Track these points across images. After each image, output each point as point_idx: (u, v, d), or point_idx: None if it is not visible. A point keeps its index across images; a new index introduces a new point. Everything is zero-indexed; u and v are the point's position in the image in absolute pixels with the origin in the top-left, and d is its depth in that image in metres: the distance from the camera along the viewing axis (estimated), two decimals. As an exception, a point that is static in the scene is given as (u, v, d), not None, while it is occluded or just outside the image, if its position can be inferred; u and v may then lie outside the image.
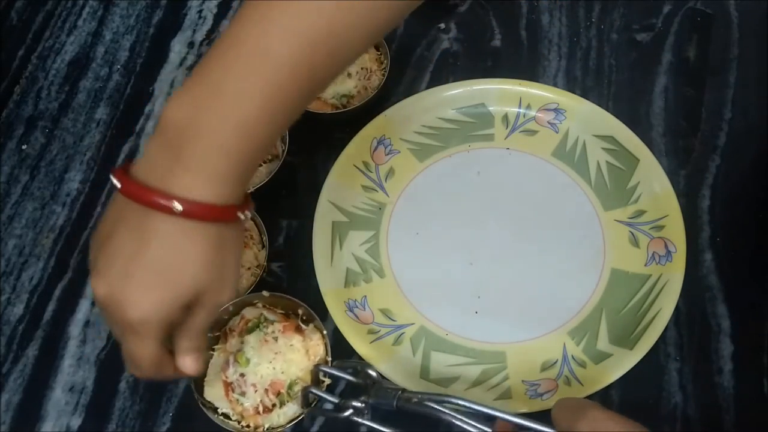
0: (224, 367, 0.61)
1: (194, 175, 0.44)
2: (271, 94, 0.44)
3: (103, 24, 0.89)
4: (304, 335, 0.62)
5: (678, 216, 0.68)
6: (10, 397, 0.67)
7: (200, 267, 0.45)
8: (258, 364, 0.60)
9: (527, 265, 0.69)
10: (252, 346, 0.60)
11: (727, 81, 0.78)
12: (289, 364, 0.60)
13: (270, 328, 0.61)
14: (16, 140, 0.82)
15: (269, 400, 0.60)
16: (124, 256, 0.45)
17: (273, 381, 0.60)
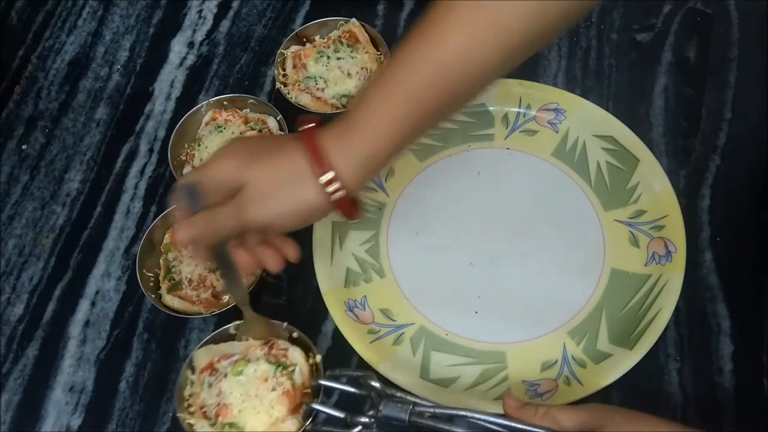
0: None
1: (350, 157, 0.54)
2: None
3: (103, 24, 0.89)
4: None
5: (678, 216, 0.68)
6: (10, 397, 0.67)
7: (295, 215, 0.55)
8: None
9: (527, 265, 0.69)
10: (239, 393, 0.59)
11: (727, 81, 0.78)
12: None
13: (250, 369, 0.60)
14: (16, 140, 0.82)
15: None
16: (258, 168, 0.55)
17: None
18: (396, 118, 0.53)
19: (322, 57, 0.78)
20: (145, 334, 0.69)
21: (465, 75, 0.53)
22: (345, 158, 0.53)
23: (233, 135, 0.75)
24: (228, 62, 0.85)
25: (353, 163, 0.54)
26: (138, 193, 0.77)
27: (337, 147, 0.54)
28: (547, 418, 0.51)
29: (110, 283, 0.72)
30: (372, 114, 0.54)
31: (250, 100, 0.77)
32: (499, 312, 0.67)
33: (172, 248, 0.70)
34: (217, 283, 0.67)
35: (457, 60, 0.52)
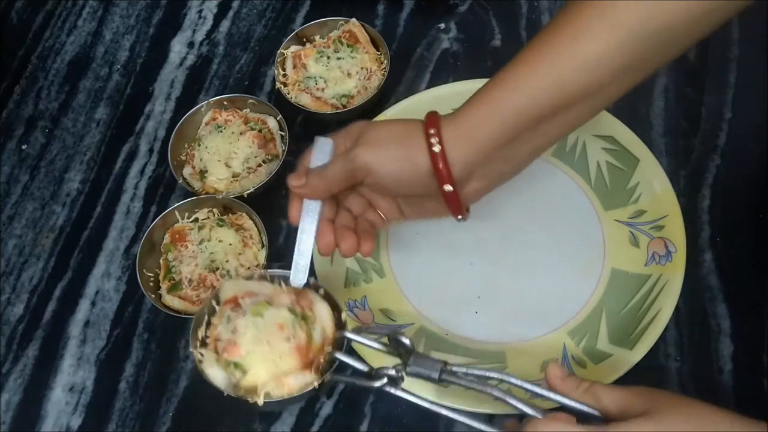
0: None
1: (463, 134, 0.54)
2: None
3: (103, 24, 0.90)
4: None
5: (678, 216, 0.68)
6: (10, 397, 0.67)
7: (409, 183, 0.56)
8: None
9: (527, 265, 0.69)
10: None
11: (727, 81, 0.78)
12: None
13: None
14: (16, 140, 0.82)
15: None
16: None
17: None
18: (504, 122, 0.53)
19: (322, 57, 0.78)
20: (145, 334, 0.69)
21: (583, 90, 0.51)
22: (452, 130, 0.53)
23: (233, 135, 0.75)
24: (228, 62, 0.85)
25: (459, 139, 0.53)
26: (138, 193, 0.77)
27: (447, 121, 0.54)
28: (589, 395, 0.49)
29: (110, 283, 0.72)
30: (481, 112, 0.53)
31: (250, 100, 0.77)
32: (499, 312, 0.67)
33: (172, 248, 0.70)
34: (217, 283, 0.67)
35: (577, 75, 0.50)
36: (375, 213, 0.61)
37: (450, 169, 0.53)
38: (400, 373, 0.52)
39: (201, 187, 0.74)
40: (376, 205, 0.61)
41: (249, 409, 0.63)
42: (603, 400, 0.48)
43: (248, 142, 0.74)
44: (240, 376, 0.54)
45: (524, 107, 0.52)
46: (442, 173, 0.53)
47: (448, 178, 0.54)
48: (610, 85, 0.51)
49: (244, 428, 0.64)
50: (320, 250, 0.59)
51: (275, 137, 0.76)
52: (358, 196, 0.61)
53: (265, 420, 0.64)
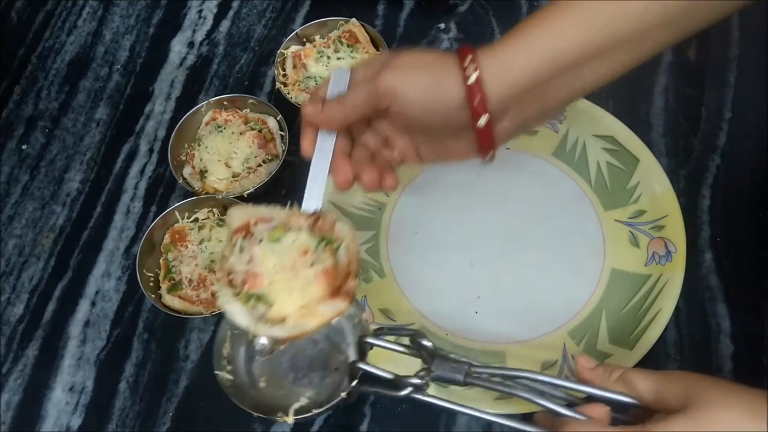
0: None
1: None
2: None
3: (103, 24, 0.89)
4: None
5: (678, 216, 0.68)
6: (10, 397, 0.67)
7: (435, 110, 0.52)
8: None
9: (527, 265, 0.69)
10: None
11: (727, 81, 0.78)
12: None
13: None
14: (16, 140, 0.82)
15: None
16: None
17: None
18: (542, 60, 0.50)
19: (322, 57, 0.78)
20: (145, 334, 0.69)
21: (626, 34, 0.49)
22: (489, 60, 0.50)
23: (233, 135, 0.75)
24: (228, 62, 0.85)
25: (496, 70, 0.50)
26: (138, 193, 0.77)
27: (483, 52, 0.51)
28: (622, 383, 0.47)
29: (110, 283, 0.72)
30: (521, 47, 0.50)
31: (250, 100, 0.77)
32: (499, 312, 0.67)
33: (172, 248, 0.70)
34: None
35: (623, 19, 0.49)
36: (391, 152, 0.58)
37: (486, 100, 0.50)
38: (424, 380, 0.51)
39: (201, 187, 0.74)
40: (393, 143, 0.57)
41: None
42: (637, 386, 0.46)
43: (248, 142, 0.74)
44: (264, 309, 0.49)
45: (564, 46, 0.49)
46: (477, 104, 0.50)
47: (483, 110, 0.50)
48: (654, 31, 0.49)
49: (244, 428, 0.64)
50: (338, 184, 0.55)
51: (275, 137, 0.76)
52: (374, 132, 0.57)
53: (265, 420, 0.64)
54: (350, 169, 0.54)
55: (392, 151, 0.57)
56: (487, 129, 0.51)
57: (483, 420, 0.51)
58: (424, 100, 0.51)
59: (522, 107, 0.52)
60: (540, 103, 0.52)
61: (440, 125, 0.53)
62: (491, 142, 0.53)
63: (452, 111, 0.51)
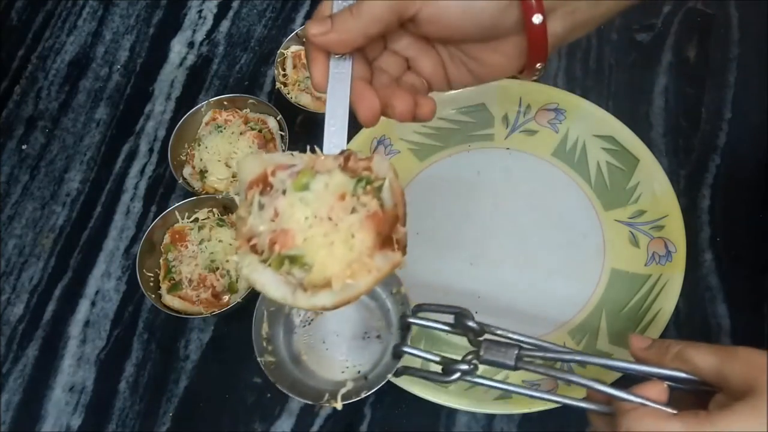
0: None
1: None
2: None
3: (103, 24, 0.89)
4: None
5: (678, 216, 0.68)
6: (10, 397, 0.67)
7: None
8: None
9: (527, 265, 0.69)
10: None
11: (727, 81, 0.78)
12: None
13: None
14: (16, 140, 0.82)
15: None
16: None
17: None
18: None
19: (322, 57, 0.78)
20: (145, 334, 0.69)
21: None
22: None
23: (233, 135, 0.75)
24: (228, 62, 0.85)
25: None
26: (138, 193, 0.77)
27: None
28: (679, 360, 0.44)
29: (110, 283, 0.72)
30: None
31: (250, 100, 0.77)
32: (499, 312, 0.67)
33: (172, 248, 0.70)
34: (217, 283, 0.67)
35: None
36: (416, 77, 0.48)
37: (544, 29, 0.42)
38: (472, 365, 0.47)
39: (201, 187, 0.74)
40: (418, 65, 0.48)
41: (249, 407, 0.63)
42: (697, 363, 0.43)
43: (248, 142, 0.74)
44: (302, 273, 0.40)
45: None
46: (530, 10, 0.42)
47: (538, 6, 0.42)
48: None
49: (244, 428, 0.64)
50: (363, 117, 0.45)
51: (275, 137, 0.76)
52: (393, 54, 0.47)
53: (265, 420, 0.64)
54: (375, 97, 0.44)
55: (417, 74, 0.48)
56: (542, 27, 0.43)
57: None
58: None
59: (573, 7, 0.44)
60: (592, 6, 0.45)
61: (480, 31, 0.44)
62: (545, 46, 0.44)
63: (499, 9, 0.42)
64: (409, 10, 0.42)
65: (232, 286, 0.67)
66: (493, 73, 0.47)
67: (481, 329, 0.48)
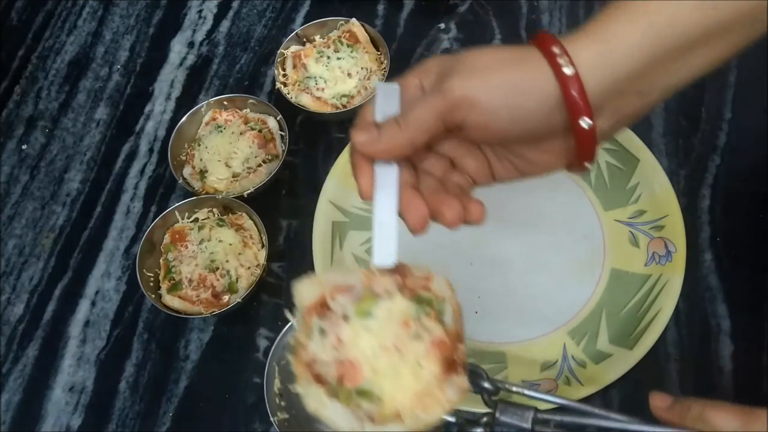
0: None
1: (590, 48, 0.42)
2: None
3: (103, 24, 0.89)
4: None
5: (678, 216, 0.68)
6: (10, 397, 0.67)
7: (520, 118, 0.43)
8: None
9: (527, 265, 0.69)
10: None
11: (727, 81, 0.78)
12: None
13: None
14: (16, 140, 0.82)
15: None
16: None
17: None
18: (644, 47, 0.41)
19: (322, 57, 0.78)
20: (145, 334, 0.69)
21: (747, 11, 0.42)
22: (579, 43, 0.42)
23: (233, 135, 0.75)
24: (228, 62, 0.85)
25: (589, 50, 0.41)
26: (138, 193, 0.77)
27: (569, 38, 0.42)
28: (701, 421, 0.43)
29: (110, 283, 0.72)
30: (618, 32, 0.42)
31: (250, 100, 0.77)
32: (499, 312, 0.67)
33: (172, 248, 0.70)
34: (217, 283, 0.67)
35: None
36: (461, 176, 0.48)
37: (587, 97, 0.41)
38: (489, 428, 0.46)
39: (201, 187, 0.74)
40: (463, 165, 0.48)
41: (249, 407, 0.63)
42: (719, 424, 0.43)
43: (248, 142, 0.74)
44: (372, 406, 0.39)
45: (682, 21, 0.41)
46: (577, 102, 0.41)
47: (585, 109, 0.41)
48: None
49: (244, 428, 0.64)
50: (412, 226, 0.45)
51: (275, 137, 0.76)
52: (437, 156, 0.47)
53: (265, 420, 0.64)
54: (424, 204, 0.45)
55: (461, 174, 0.48)
56: (591, 131, 0.42)
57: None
58: (511, 105, 0.42)
59: (620, 102, 0.43)
60: (641, 96, 0.43)
61: (527, 134, 0.44)
62: (593, 147, 0.43)
63: (545, 114, 0.42)
64: (455, 119, 0.43)
65: (232, 286, 0.67)
66: (540, 170, 0.47)
67: (495, 389, 0.46)
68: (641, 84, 0.43)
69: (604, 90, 0.42)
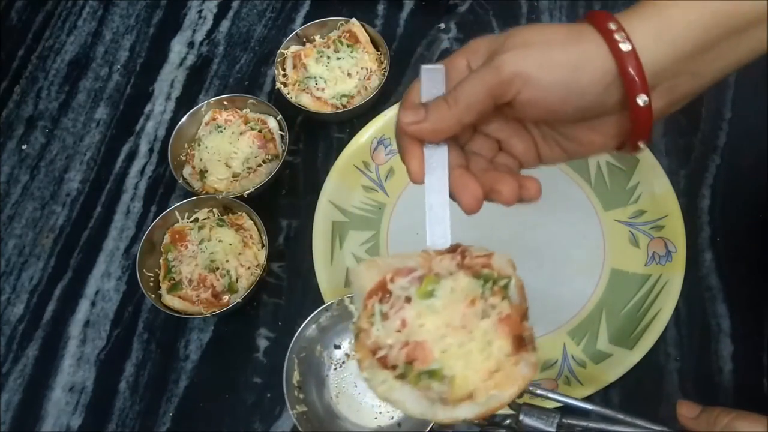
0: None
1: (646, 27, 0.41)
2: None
3: (103, 24, 0.89)
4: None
5: (678, 216, 0.68)
6: (10, 397, 0.67)
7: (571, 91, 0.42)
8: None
9: (527, 265, 0.69)
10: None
11: (727, 81, 0.78)
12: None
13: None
14: (16, 140, 0.82)
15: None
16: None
17: None
18: (701, 26, 0.40)
19: (322, 57, 0.78)
20: (145, 334, 0.69)
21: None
22: (635, 20, 0.41)
23: (233, 135, 0.75)
24: (228, 62, 0.85)
25: (646, 26, 0.40)
26: (138, 193, 0.77)
27: (624, 15, 0.41)
28: (730, 431, 0.43)
29: (110, 283, 0.72)
30: (674, 9, 0.41)
31: (250, 100, 0.77)
32: (499, 312, 0.67)
33: (172, 248, 0.70)
34: (217, 283, 0.67)
35: None
36: (508, 157, 0.47)
37: (644, 73, 0.40)
38: (512, 429, 0.45)
39: (201, 187, 0.74)
40: (510, 146, 0.47)
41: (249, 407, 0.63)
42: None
43: (248, 142, 0.74)
44: (442, 388, 0.38)
45: (728, 7, 0.40)
46: (633, 79, 0.40)
47: (642, 86, 0.40)
48: None
49: (244, 428, 0.64)
50: (467, 206, 0.45)
51: (275, 137, 0.76)
52: (484, 136, 0.46)
53: (265, 420, 0.64)
54: (478, 184, 0.44)
55: (508, 155, 0.47)
56: (647, 108, 0.41)
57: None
58: (564, 81, 0.41)
59: (674, 82, 0.42)
60: (694, 78, 0.42)
61: (580, 111, 0.43)
62: (649, 125, 0.42)
63: (600, 91, 0.41)
64: (506, 95, 0.42)
65: (232, 286, 0.67)
66: (588, 151, 0.46)
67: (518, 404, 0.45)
68: (696, 64, 0.41)
69: (660, 68, 0.41)
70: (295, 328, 0.62)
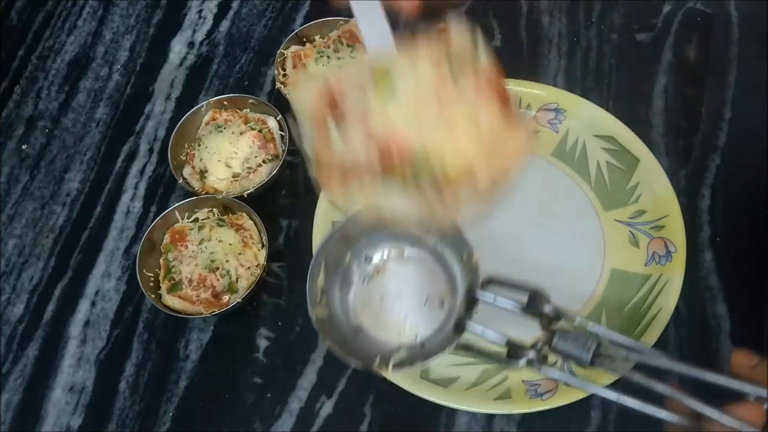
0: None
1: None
2: None
3: (103, 24, 0.89)
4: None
5: (678, 216, 0.68)
6: (10, 397, 0.67)
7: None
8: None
9: (527, 265, 0.69)
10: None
11: (727, 81, 0.78)
12: None
13: None
14: (16, 140, 0.82)
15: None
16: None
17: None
18: None
19: (322, 57, 0.78)
20: (145, 334, 0.69)
21: None
22: None
23: (233, 135, 0.75)
24: (228, 62, 0.85)
25: None
26: (138, 193, 0.77)
27: None
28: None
29: (110, 283, 0.72)
30: None
31: (250, 100, 0.77)
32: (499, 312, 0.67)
33: (172, 248, 0.70)
34: (217, 283, 0.67)
35: None
36: None
37: None
38: (542, 354, 0.43)
39: (201, 187, 0.74)
40: None
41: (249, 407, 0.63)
42: None
43: (248, 142, 0.74)
44: (434, 170, 0.33)
45: None
46: None
47: None
48: None
49: (244, 428, 0.64)
50: (406, 7, 0.37)
51: (275, 137, 0.76)
52: None
53: (265, 420, 0.64)
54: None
55: None
56: None
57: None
58: None
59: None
60: None
61: None
62: None
63: None
64: None
65: (232, 286, 0.67)
66: None
67: (556, 315, 0.43)
68: None
69: None
70: (295, 328, 0.62)
